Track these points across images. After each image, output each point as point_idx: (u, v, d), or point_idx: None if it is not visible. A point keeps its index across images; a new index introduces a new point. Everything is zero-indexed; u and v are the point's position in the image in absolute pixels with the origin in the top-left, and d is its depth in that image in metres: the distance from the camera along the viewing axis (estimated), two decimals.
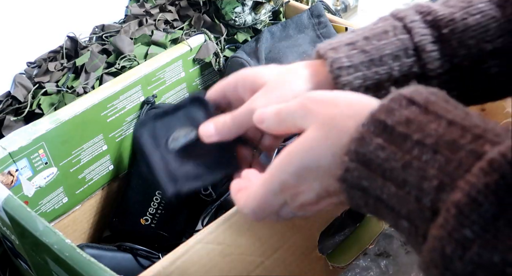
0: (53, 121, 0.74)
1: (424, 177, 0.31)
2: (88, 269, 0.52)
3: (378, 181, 0.33)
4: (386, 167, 0.33)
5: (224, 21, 0.92)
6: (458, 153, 0.31)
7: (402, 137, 0.33)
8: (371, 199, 0.34)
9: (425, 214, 0.31)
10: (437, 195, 0.30)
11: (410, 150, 0.32)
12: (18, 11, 0.84)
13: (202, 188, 0.77)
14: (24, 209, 0.59)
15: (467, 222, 0.28)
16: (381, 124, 0.34)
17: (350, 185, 0.35)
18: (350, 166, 0.34)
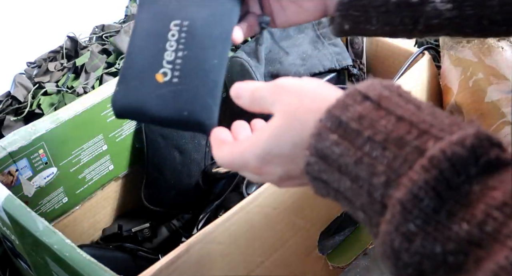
0: (53, 121, 0.74)
1: (373, 173, 0.33)
2: (88, 269, 0.52)
3: (335, 175, 0.35)
4: (341, 162, 0.35)
5: None
6: (403, 150, 0.32)
7: (355, 133, 0.34)
8: (331, 190, 0.36)
9: (376, 207, 0.33)
10: (385, 190, 0.32)
11: (362, 147, 0.34)
12: (18, 11, 0.84)
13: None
14: (24, 209, 0.59)
15: (410, 217, 0.30)
16: (337, 120, 0.35)
17: (313, 177, 0.37)
18: (311, 160, 0.36)
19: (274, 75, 0.84)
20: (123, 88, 0.50)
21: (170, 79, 0.48)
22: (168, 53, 0.49)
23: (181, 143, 0.86)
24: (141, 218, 0.88)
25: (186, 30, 0.50)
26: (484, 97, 0.74)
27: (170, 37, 0.50)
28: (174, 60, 0.49)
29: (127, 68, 0.50)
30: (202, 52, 0.50)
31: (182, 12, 0.51)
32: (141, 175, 0.89)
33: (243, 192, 0.74)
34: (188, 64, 0.49)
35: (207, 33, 0.50)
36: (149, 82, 0.48)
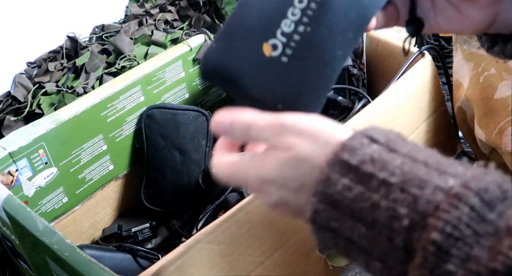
0: (53, 121, 0.74)
1: (393, 217, 0.31)
2: (88, 269, 0.52)
3: (348, 222, 0.33)
4: (355, 208, 0.32)
5: (224, 21, 0.92)
6: (424, 190, 0.31)
7: (368, 176, 0.32)
8: (341, 240, 0.34)
9: (398, 254, 0.31)
10: (408, 234, 0.30)
11: (377, 189, 0.32)
12: (18, 11, 0.84)
13: None
14: (24, 209, 0.59)
15: (447, 257, 0.29)
16: (346, 164, 0.33)
17: (320, 226, 0.34)
18: (319, 207, 0.34)
19: None
20: (221, 47, 0.41)
21: (279, 56, 0.40)
22: (287, 22, 0.40)
23: (181, 143, 0.86)
24: (141, 218, 0.88)
25: (318, 1, 0.40)
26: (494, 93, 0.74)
27: (296, 3, 0.40)
28: (291, 33, 0.40)
29: (233, 24, 0.41)
30: (329, 36, 0.40)
31: None
32: (141, 175, 0.89)
33: (243, 192, 0.74)
34: (306, 45, 0.40)
35: (343, 13, 0.40)
36: (254, 50, 0.40)
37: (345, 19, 0.41)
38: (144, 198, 0.89)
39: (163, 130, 0.86)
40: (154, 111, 0.86)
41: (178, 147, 0.86)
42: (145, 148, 0.87)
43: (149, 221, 0.85)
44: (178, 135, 0.86)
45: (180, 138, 0.86)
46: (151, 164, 0.87)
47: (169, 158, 0.86)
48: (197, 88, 0.93)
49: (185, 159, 0.86)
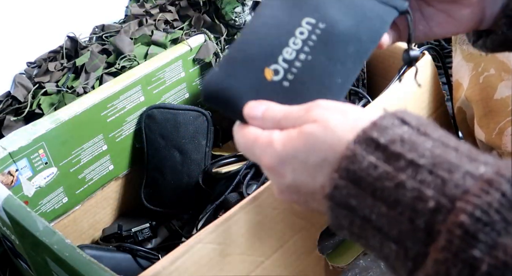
0: (53, 121, 0.74)
1: (419, 198, 0.31)
2: (88, 269, 0.52)
3: (368, 201, 0.32)
4: (377, 186, 0.32)
5: (224, 21, 0.92)
6: (454, 174, 0.30)
7: (396, 156, 0.32)
8: (357, 219, 0.33)
9: (418, 235, 0.31)
10: (432, 216, 0.30)
11: (404, 169, 0.32)
12: (18, 11, 0.84)
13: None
14: (24, 209, 0.59)
15: (474, 242, 0.28)
16: (374, 142, 0.33)
17: (337, 202, 0.34)
18: (340, 183, 0.33)
19: None
20: (223, 71, 0.42)
21: (280, 81, 0.42)
22: (289, 50, 0.42)
23: (181, 143, 0.86)
24: (141, 218, 0.88)
25: (319, 34, 0.43)
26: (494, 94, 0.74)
27: (297, 34, 0.43)
28: (292, 61, 0.42)
29: (237, 50, 0.43)
30: (329, 65, 0.43)
31: (321, 11, 0.43)
32: (141, 175, 0.89)
33: (243, 192, 0.74)
34: (307, 71, 0.42)
35: (342, 46, 0.43)
36: (255, 74, 0.42)
37: (343, 51, 0.43)
38: (144, 198, 0.89)
39: (163, 130, 0.86)
40: (154, 111, 0.86)
41: (178, 147, 0.86)
42: (145, 148, 0.87)
43: (149, 221, 0.85)
44: (178, 135, 0.86)
45: (180, 138, 0.86)
46: (151, 164, 0.87)
47: (169, 158, 0.86)
48: (197, 88, 0.93)
49: (185, 159, 0.86)
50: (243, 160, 0.82)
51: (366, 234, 0.33)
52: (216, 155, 0.89)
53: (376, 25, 0.44)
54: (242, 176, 0.77)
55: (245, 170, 0.77)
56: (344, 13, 0.44)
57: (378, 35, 0.45)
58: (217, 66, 0.43)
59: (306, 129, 0.36)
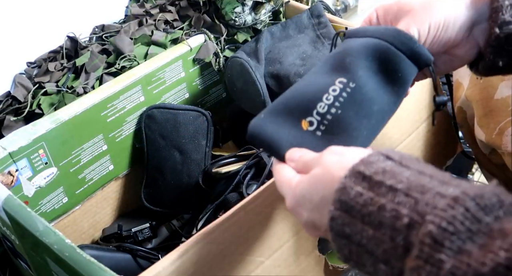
0: (53, 121, 0.74)
1: (396, 217, 0.35)
2: (88, 269, 0.52)
3: (358, 226, 0.37)
4: (364, 212, 0.36)
5: (224, 21, 0.92)
6: (426, 195, 0.35)
7: (378, 184, 0.37)
8: (353, 246, 0.38)
9: (398, 251, 0.34)
10: (408, 232, 0.34)
11: (385, 194, 0.36)
12: (18, 11, 0.84)
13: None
14: (24, 209, 0.59)
15: (441, 248, 0.32)
16: (360, 175, 0.38)
17: (336, 233, 0.39)
18: (335, 214, 0.38)
19: (274, 75, 0.84)
20: (267, 118, 0.50)
21: (314, 131, 0.49)
22: (322, 104, 0.49)
23: (181, 143, 0.86)
24: (141, 218, 0.88)
25: (349, 92, 0.50)
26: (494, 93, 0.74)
27: (330, 91, 0.50)
28: (324, 114, 0.49)
29: (281, 103, 0.51)
30: (355, 119, 0.49)
31: (353, 72, 0.50)
32: (141, 175, 0.89)
33: (243, 192, 0.74)
34: (336, 123, 0.49)
35: (368, 104, 0.50)
36: (294, 124, 0.49)
37: (369, 109, 0.50)
38: (144, 198, 0.89)
39: (163, 130, 0.86)
40: (154, 111, 0.86)
41: (178, 147, 0.86)
42: (145, 148, 0.87)
43: (149, 221, 0.85)
44: (178, 135, 0.86)
45: (180, 138, 0.86)
46: (151, 164, 0.87)
47: (169, 158, 0.86)
48: (197, 88, 0.93)
49: (185, 159, 0.86)
50: (243, 160, 0.82)
51: (363, 260, 0.38)
52: (216, 155, 0.89)
53: (399, 87, 0.51)
54: (242, 176, 0.77)
55: (245, 170, 0.77)
56: (372, 75, 0.51)
57: (398, 98, 0.52)
58: (263, 113, 0.51)
59: (312, 172, 0.43)
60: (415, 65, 0.51)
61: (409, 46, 0.50)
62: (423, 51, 0.51)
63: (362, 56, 0.51)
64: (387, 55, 0.51)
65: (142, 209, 0.90)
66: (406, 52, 0.51)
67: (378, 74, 0.51)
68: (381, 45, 0.51)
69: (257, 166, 0.78)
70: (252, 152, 0.82)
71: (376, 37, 0.51)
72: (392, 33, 0.51)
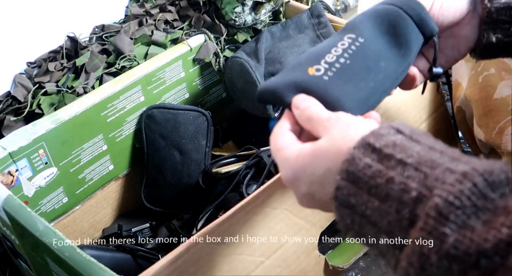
0: (53, 121, 0.74)
1: (404, 190, 0.35)
2: (88, 269, 0.52)
3: (363, 197, 0.37)
4: (371, 184, 0.37)
5: (224, 21, 0.92)
6: (436, 170, 0.35)
7: (388, 157, 0.37)
8: (357, 216, 0.38)
9: (403, 223, 0.35)
10: (415, 205, 0.34)
11: (394, 168, 0.36)
12: (18, 11, 0.84)
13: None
14: (24, 209, 0.59)
15: (445, 221, 0.32)
16: (370, 147, 0.38)
17: (340, 202, 0.38)
18: (341, 184, 0.38)
19: (274, 75, 0.84)
20: (276, 76, 0.50)
21: (321, 75, 0.48)
22: (330, 55, 0.49)
23: (181, 143, 0.86)
24: (141, 218, 0.88)
25: (358, 45, 0.50)
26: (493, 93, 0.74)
27: (339, 45, 0.50)
28: (333, 62, 0.49)
29: (291, 64, 0.51)
30: (364, 70, 0.49)
31: (362, 29, 0.51)
32: (141, 175, 0.89)
33: (243, 192, 0.74)
34: (344, 71, 0.49)
35: (375, 60, 0.50)
36: (300, 72, 0.49)
37: (376, 64, 0.50)
38: (144, 198, 0.89)
39: (163, 130, 0.86)
40: (154, 111, 0.86)
41: (178, 147, 0.86)
42: (145, 148, 0.87)
43: (149, 221, 0.85)
44: (178, 135, 0.86)
45: (180, 138, 0.86)
46: (151, 164, 0.87)
47: (169, 158, 0.86)
48: (197, 88, 0.93)
49: (185, 159, 0.86)
50: (243, 160, 0.82)
51: (365, 231, 0.38)
52: (216, 155, 0.89)
53: (402, 51, 0.51)
54: (242, 176, 0.77)
55: (245, 170, 0.77)
56: (380, 35, 0.51)
57: (404, 61, 0.51)
58: (275, 76, 0.51)
59: (316, 144, 0.42)
60: (421, 34, 0.52)
61: (418, 11, 0.51)
62: (429, 19, 0.52)
63: (371, 18, 0.52)
64: (396, 18, 0.52)
65: (142, 209, 0.90)
66: (414, 17, 0.51)
67: (386, 36, 0.52)
68: (391, 8, 0.52)
69: (257, 166, 0.78)
70: (252, 152, 0.82)
71: (386, 3, 0.53)
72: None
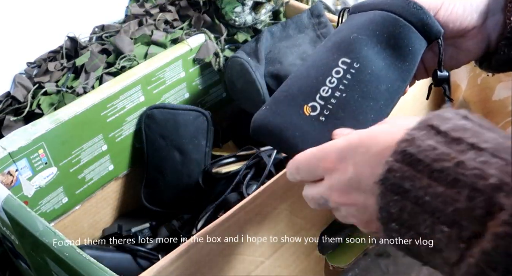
0: (53, 121, 0.74)
1: (479, 176, 0.31)
2: (87, 269, 0.52)
3: (423, 181, 0.33)
4: (435, 168, 0.33)
5: (224, 21, 0.92)
6: None
7: (456, 140, 0.33)
8: (408, 203, 0.34)
9: (476, 213, 0.30)
10: (494, 193, 0.30)
11: (466, 152, 0.32)
12: (18, 11, 0.84)
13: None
14: (24, 209, 0.59)
15: None
16: (434, 129, 0.34)
17: (389, 187, 0.35)
18: (394, 166, 0.34)
19: (274, 75, 0.84)
20: (269, 109, 0.48)
21: (317, 116, 0.46)
22: (325, 88, 0.46)
23: (181, 143, 0.86)
24: (141, 218, 0.88)
25: (353, 73, 0.46)
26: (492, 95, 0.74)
27: (334, 73, 0.47)
28: (328, 98, 0.46)
29: (282, 91, 0.48)
30: (362, 102, 0.46)
31: (356, 51, 0.47)
32: (141, 175, 0.89)
33: (243, 192, 0.74)
34: (341, 107, 0.46)
35: (374, 85, 0.46)
36: (296, 111, 0.46)
37: (376, 90, 0.46)
38: (144, 198, 0.88)
39: (163, 130, 0.86)
40: (154, 111, 0.86)
41: (178, 147, 0.86)
42: (145, 148, 0.87)
43: (149, 221, 0.85)
44: (178, 135, 0.86)
45: (180, 138, 0.86)
46: (151, 164, 0.87)
47: (169, 158, 0.86)
48: (197, 88, 0.93)
49: (185, 159, 0.86)
50: (243, 160, 0.82)
51: (416, 221, 0.33)
52: (216, 155, 0.89)
53: (405, 65, 0.47)
54: (242, 176, 0.77)
55: (245, 170, 0.77)
56: (379, 52, 0.47)
57: (408, 74, 0.48)
58: (264, 105, 0.48)
59: (366, 130, 0.39)
60: (424, 38, 0.48)
61: (419, 17, 0.46)
62: (433, 22, 0.47)
63: (368, 32, 0.47)
64: (395, 28, 0.47)
65: (142, 209, 0.90)
66: (416, 23, 0.47)
67: (386, 50, 0.47)
68: (389, 17, 0.47)
69: (257, 166, 0.78)
70: (252, 152, 0.82)
71: (382, 9, 0.48)
72: (400, 3, 0.47)
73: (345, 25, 0.50)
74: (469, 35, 0.50)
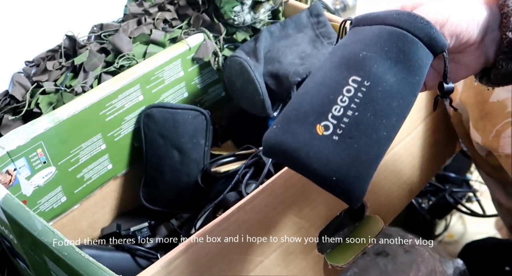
0: (51, 120, 0.73)
1: None
2: (86, 269, 0.52)
3: None
4: None
5: (223, 20, 0.92)
6: None
7: None
8: None
9: None
10: None
11: None
12: (17, 10, 0.84)
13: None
14: (23, 208, 0.59)
15: None
16: None
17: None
18: None
19: (273, 74, 0.84)
20: (281, 128, 0.47)
21: (330, 135, 0.46)
22: (337, 107, 0.46)
23: (180, 143, 0.86)
24: (140, 217, 0.88)
25: (365, 91, 0.46)
26: (489, 96, 0.74)
27: (344, 92, 0.47)
28: (340, 117, 0.46)
29: (292, 109, 0.48)
30: (374, 120, 0.46)
31: (366, 69, 0.47)
32: (140, 175, 0.89)
33: (242, 191, 0.74)
34: (354, 126, 0.46)
35: (386, 102, 0.46)
36: (308, 130, 0.46)
37: (388, 107, 0.46)
38: (143, 197, 0.88)
39: (162, 129, 0.85)
40: (153, 110, 0.86)
41: (177, 146, 0.86)
42: (144, 147, 0.87)
43: (148, 220, 0.85)
44: (177, 134, 0.86)
45: (179, 137, 0.85)
46: (150, 163, 0.87)
47: (168, 158, 0.86)
48: (196, 87, 0.93)
49: (184, 159, 0.86)
50: (242, 159, 0.82)
51: None
52: (215, 154, 0.89)
53: (415, 79, 0.48)
54: (241, 175, 0.77)
55: (244, 169, 0.77)
56: (389, 68, 0.47)
57: (417, 88, 0.48)
58: (275, 124, 0.48)
59: None
60: (430, 52, 0.48)
61: (426, 31, 0.47)
62: (439, 37, 0.48)
63: (376, 48, 0.47)
64: (404, 43, 0.47)
65: (141, 209, 0.89)
66: (423, 38, 0.47)
67: (397, 66, 0.47)
68: (396, 32, 0.47)
69: (256, 165, 0.78)
70: (251, 151, 0.82)
71: (389, 24, 0.48)
72: (406, 18, 0.47)
73: (351, 39, 0.50)
74: (468, 51, 0.51)
